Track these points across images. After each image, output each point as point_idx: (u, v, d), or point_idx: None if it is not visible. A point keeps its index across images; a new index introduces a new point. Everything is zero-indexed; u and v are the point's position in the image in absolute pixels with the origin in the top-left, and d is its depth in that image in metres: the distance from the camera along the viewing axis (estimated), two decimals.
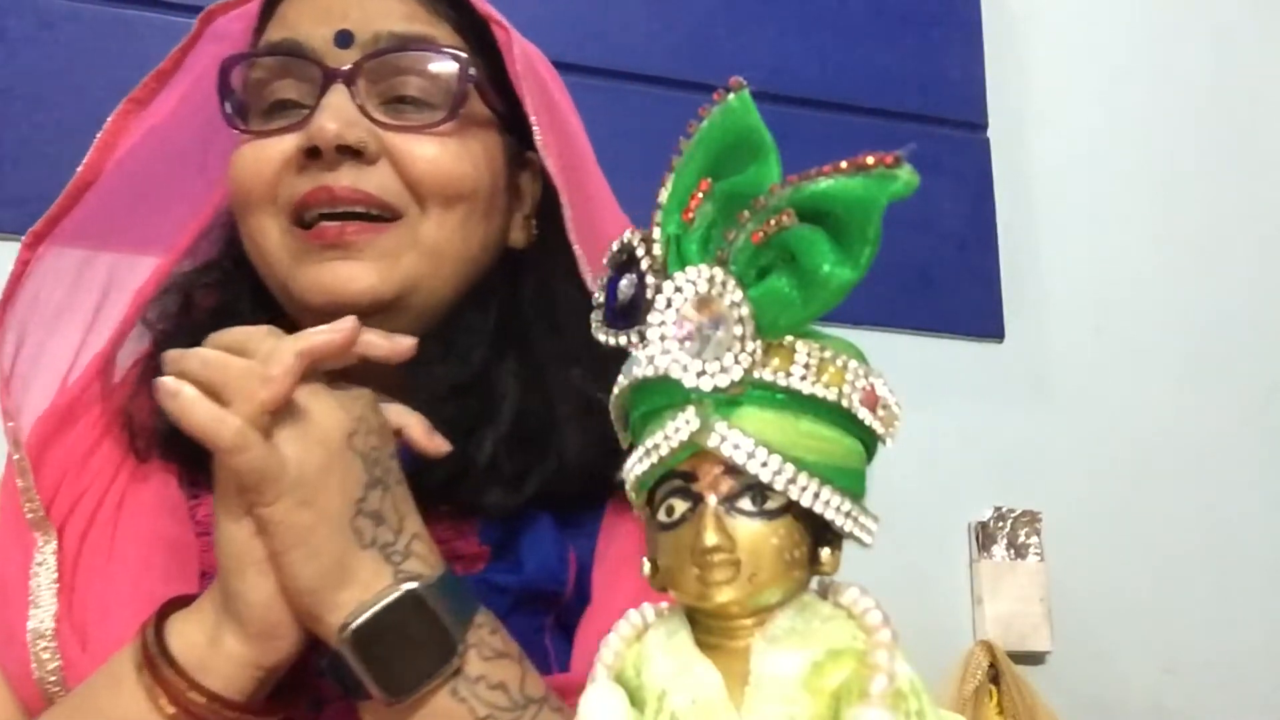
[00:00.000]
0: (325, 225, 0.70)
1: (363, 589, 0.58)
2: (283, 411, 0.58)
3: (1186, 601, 1.51)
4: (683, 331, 0.42)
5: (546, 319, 0.76)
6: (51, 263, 0.80)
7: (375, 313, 0.70)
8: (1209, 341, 1.61)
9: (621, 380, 0.45)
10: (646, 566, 0.45)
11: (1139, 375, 1.57)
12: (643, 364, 0.43)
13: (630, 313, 0.45)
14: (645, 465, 0.43)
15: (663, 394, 0.43)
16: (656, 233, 0.45)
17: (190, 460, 0.73)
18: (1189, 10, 1.71)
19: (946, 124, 1.56)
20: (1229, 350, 1.61)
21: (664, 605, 0.46)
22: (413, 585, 0.58)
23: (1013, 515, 1.47)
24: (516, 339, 0.75)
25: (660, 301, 0.43)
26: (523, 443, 0.72)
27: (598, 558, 0.73)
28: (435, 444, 0.66)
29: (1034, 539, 1.46)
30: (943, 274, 1.52)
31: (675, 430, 0.42)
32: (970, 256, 1.54)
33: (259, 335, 0.60)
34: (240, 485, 0.58)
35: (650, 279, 0.44)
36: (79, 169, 0.79)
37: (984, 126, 1.58)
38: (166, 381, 0.57)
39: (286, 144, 0.72)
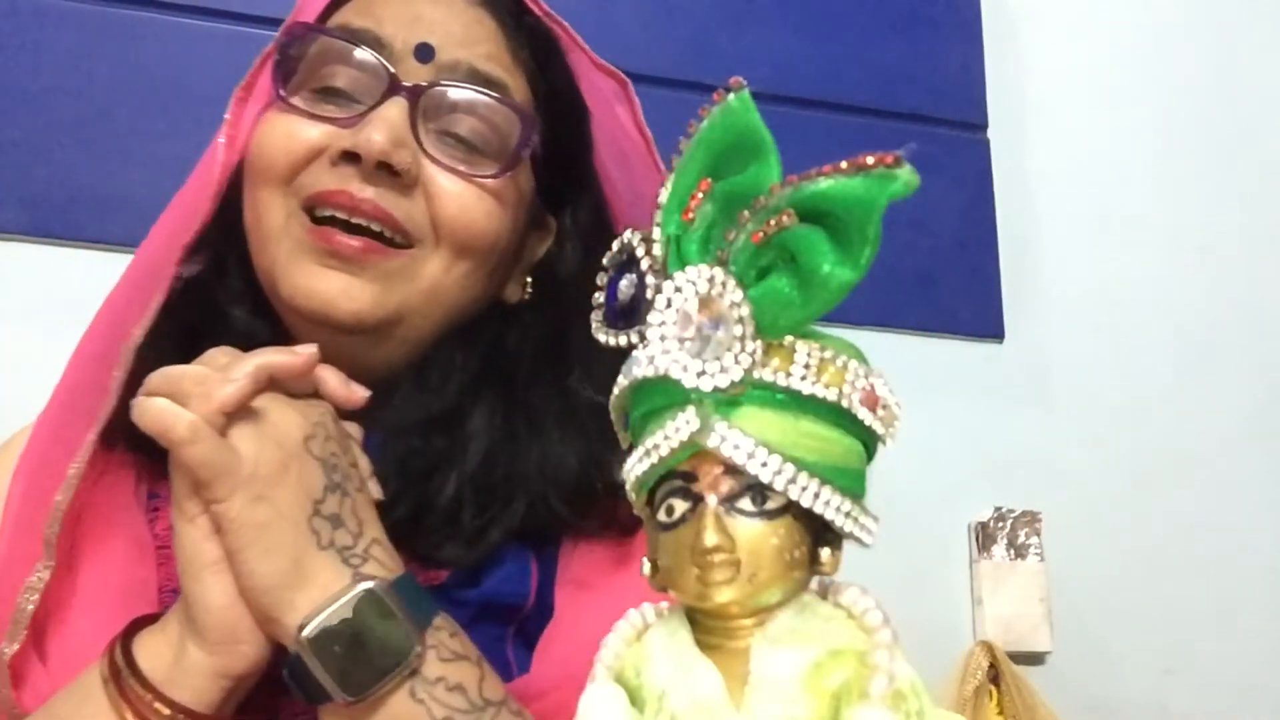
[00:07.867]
0: (337, 234, 0.68)
1: (320, 590, 0.58)
2: (240, 414, 0.59)
3: (1186, 601, 1.51)
4: (683, 331, 0.42)
5: (533, 372, 0.75)
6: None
7: (357, 333, 0.69)
8: (1209, 342, 1.61)
9: (621, 380, 0.45)
10: (646, 566, 0.44)
11: (1139, 375, 1.57)
12: (643, 364, 0.43)
13: (630, 313, 0.45)
14: (645, 465, 0.43)
15: (663, 394, 0.43)
16: (656, 233, 0.45)
17: (151, 451, 0.66)
18: (1189, 10, 1.71)
19: (946, 124, 1.56)
20: (1229, 350, 1.61)
21: (664, 605, 0.46)
22: (370, 585, 0.58)
23: (1013, 515, 1.47)
24: (497, 385, 0.74)
25: (660, 301, 0.43)
26: (488, 489, 0.70)
27: (560, 574, 0.73)
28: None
29: (1034, 539, 1.46)
30: (943, 274, 1.52)
31: (675, 430, 0.42)
32: (970, 256, 1.54)
33: (216, 353, 0.62)
34: (195, 482, 0.58)
35: (650, 279, 0.44)
36: (216, 169, 0.73)
37: (984, 126, 1.58)
38: (136, 399, 0.58)
39: (325, 135, 0.69)
